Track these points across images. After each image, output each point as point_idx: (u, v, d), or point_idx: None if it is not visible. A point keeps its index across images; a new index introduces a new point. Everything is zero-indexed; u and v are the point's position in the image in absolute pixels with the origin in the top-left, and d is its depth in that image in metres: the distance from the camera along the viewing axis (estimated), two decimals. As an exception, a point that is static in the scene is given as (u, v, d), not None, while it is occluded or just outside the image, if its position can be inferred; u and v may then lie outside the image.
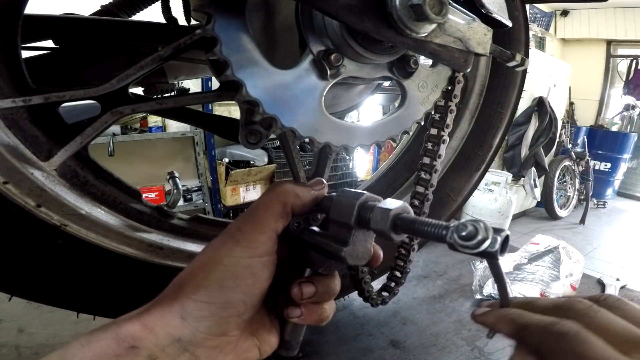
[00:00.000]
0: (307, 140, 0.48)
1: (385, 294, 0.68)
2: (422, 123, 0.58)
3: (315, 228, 0.32)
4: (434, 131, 0.56)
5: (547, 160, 4.00)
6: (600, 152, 4.74)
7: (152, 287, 0.46)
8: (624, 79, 4.60)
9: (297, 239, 0.32)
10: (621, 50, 5.03)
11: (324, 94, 0.47)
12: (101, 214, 0.45)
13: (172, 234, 0.51)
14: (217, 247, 0.31)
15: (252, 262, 0.30)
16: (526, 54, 0.70)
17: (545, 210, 4.25)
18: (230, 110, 2.50)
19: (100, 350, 0.27)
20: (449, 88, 0.55)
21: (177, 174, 0.58)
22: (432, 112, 0.57)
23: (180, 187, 0.56)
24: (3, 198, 0.37)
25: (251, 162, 2.71)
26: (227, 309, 0.29)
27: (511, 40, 0.69)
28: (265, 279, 0.31)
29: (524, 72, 0.74)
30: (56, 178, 0.42)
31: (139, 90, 0.71)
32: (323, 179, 0.34)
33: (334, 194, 0.32)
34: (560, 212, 4.29)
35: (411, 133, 0.62)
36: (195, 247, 0.52)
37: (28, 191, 0.38)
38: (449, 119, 0.54)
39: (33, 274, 0.41)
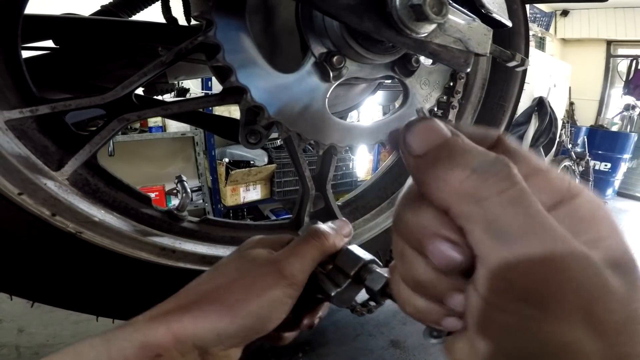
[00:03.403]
0: (312, 142, 0.48)
1: (372, 303, 0.68)
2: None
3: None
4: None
5: (547, 160, 4.00)
6: (600, 152, 4.74)
7: (166, 289, 0.47)
8: (624, 79, 4.60)
9: None
10: (621, 50, 5.03)
11: (327, 96, 0.47)
12: (114, 220, 0.46)
13: (183, 236, 0.52)
14: (270, 283, 0.32)
15: (293, 301, 0.32)
16: (526, 54, 0.70)
17: (545, 210, 4.24)
18: (230, 110, 2.49)
19: (122, 359, 0.27)
20: (451, 84, 0.56)
21: (184, 178, 0.59)
22: (435, 109, 0.57)
23: (189, 190, 0.56)
24: (19, 209, 0.37)
25: (251, 162, 2.71)
26: (260, 334, 0.31)
27: (511, 40, 0.69)
28: None
29: (524, 74, 0.74)
30: (68, 187, 0.43)
31: (139, 90, 0.71)
32: (347, 221, 0.38)
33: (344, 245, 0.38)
34: (560, 212, 4.29)
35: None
36: (206, 249, 0.52)
37: (42, 201, 0.39)
38: (451, 115, 0.55)
39: (52, 281, 0.42)
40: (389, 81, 0.71)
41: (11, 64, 0.40)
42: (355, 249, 0.36)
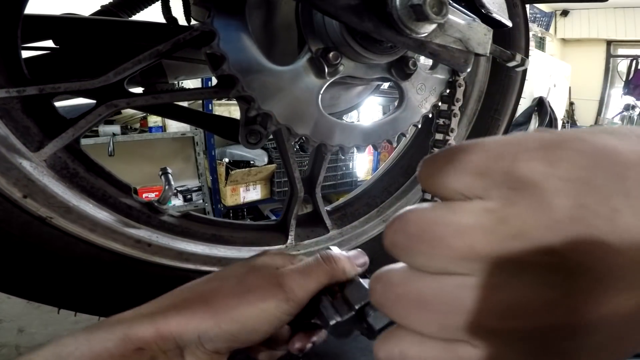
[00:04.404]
0: (302, 138, 0.48)
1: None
2: (419, 126, 0.58)
3: None
4: (439, 136, 0.56)
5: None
6: (600, 152, 4.74)
7: (139, 284, 0.46)
8: (624, 79, 4.60)
9: None
10: (621, 50, 5.03)
11: (321, 92, 0.47)
12: (89, 207, 0.44)
13: (161, 230, 0.50)
14: (265, 294, 0.31)
15: (286, 318, 0.31)
16: (526, 54, 0.70)
17: (545, 210, 4.24)
18: (230, 110, 2.50)
19: (103, 350, 0.27)
20: (450, 91, 0.56)
21: (169, 170, 0.57)
22: (436, 118, 0.57)
23: (172, 183, 0.55)
24: None
25: (251, 162, 2.71)
26: (243, 344, 0.31)
27: (511, 41, 0.69)
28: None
29: (523, 77, 0.74)
30: (45, 169, 0.41)
31: (139, 91, 0.71)
32: (364, 252, 0.37)
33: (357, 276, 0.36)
34: (560, 212, 4.29)
35: (408, 136, 0.62)
36: (184, 245, 0.51)
37: (15, 181, 0.38)
38: (453, 123, 0.55)
39: (15, 267, 0.41)
40: (386, 86, 0.72)
41: (3, 47, 0.40)
42: (367, 283, 0.34)
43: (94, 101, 0.44)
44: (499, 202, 0.15)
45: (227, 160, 2.64)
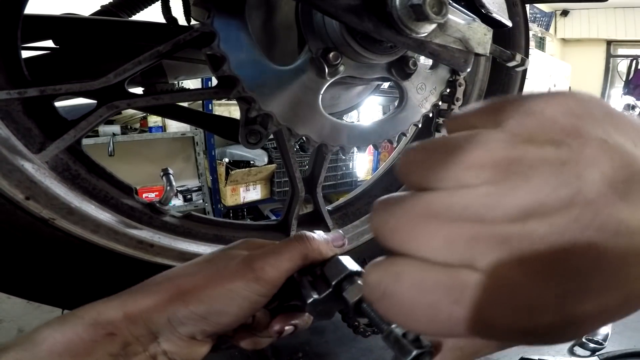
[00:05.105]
0: (303, 139, 0.48)
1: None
2: (420, 125, 0.58)
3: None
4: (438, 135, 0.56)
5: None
6: (600, 152, 4.74)
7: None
8: (624, 79, 4.60)
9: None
10: (621, 50, 5.04)
11: (322, 92, 0.47)
12: (91, 208, 0.44)
13: (163, 231, 0.50)
14: (233, 275, 0.31)
15: (260, 299, 0.31)
16: (526, 54, 0.70)
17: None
18: (230, 110, 2.50)
19: (74, 335, 0.27)
20: (450, 90, 0.56)
21: (170, 171, 0.57)
22: (436, 117, 0.57)
23: (173, 183, 0.55)
24: None
25: (251, 162, 2.71)
26: (215, 327, 0.30)
27: (511, 41, 0.69)
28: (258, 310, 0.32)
29: (523, 77, 0.74)
30: (47, 170, 0.41)
31: (139, 91, 0.71)
32: (343, 234, 0.36)
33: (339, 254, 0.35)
34: (560, 212, 4.29)
35: (408, 135, 0.62)
36: (186, 246, 0.51)
37: (17, 183, 0.38)
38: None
39: (18, 268, 0.41)
40: (386, 86, 0.72)
41: (4, 48, 0.40)
42: (346, 260, 0.33)
43: (94, 101, 0.44)
44: (514, 124, 0.17)
45: (227, 160, 2.64)
